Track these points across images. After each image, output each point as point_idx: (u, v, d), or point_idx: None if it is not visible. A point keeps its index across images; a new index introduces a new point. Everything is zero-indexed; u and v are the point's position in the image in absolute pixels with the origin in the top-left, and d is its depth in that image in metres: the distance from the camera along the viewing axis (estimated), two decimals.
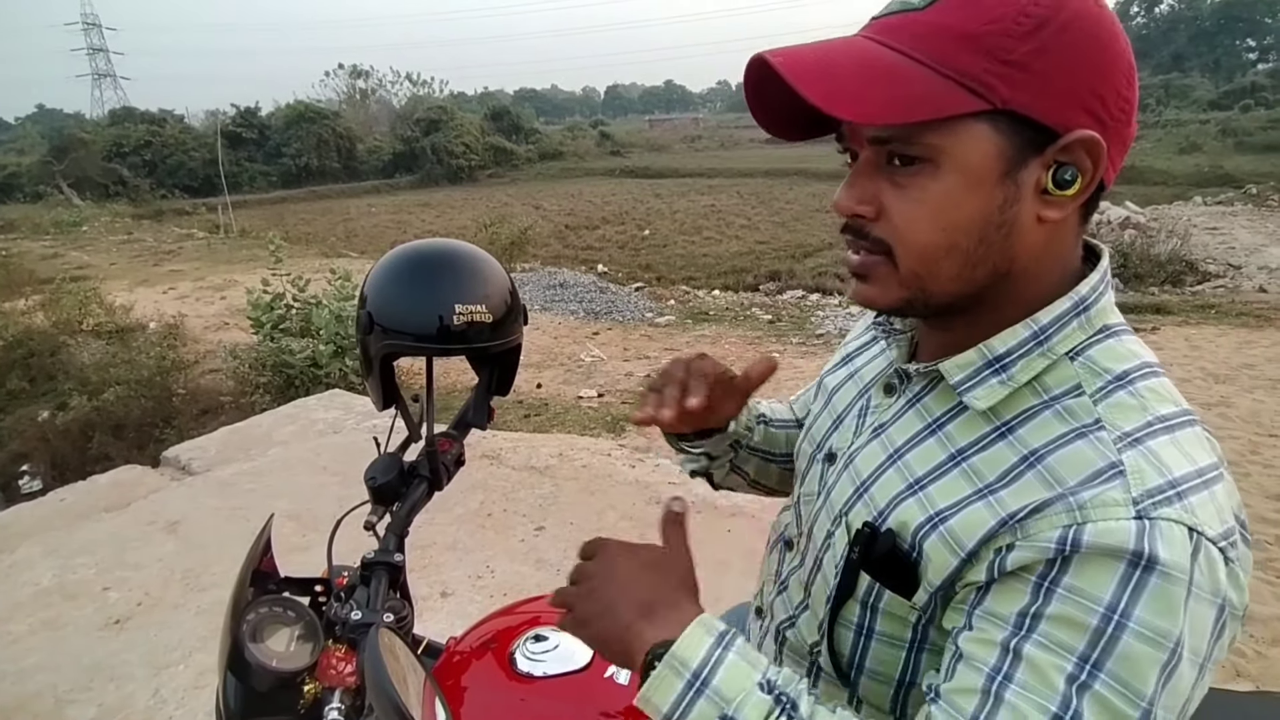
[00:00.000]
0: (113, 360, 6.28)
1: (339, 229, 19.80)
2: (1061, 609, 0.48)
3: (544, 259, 12.99)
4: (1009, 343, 0.57)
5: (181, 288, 11.31)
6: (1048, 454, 0.53)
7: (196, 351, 7.54)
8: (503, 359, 1.13)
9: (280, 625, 0.89)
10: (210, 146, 28.86)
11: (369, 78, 49.06)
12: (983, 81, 0.51)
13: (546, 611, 1.05)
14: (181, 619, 2.61)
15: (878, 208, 0.57)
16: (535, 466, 3.78)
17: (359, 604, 0.90)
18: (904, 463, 0.61)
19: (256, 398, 5.68)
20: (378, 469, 1.01)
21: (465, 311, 0.97)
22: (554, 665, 0.91)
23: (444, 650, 1.01)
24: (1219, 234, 12.83)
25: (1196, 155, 24.14)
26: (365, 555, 0.96)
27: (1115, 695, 0.46)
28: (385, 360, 1.02)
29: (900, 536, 0.58)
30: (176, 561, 2.97)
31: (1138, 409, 0.53)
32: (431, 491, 1.06)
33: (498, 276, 1.05)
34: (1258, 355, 5.95)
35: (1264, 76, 44.06)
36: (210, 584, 2.78)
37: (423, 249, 1.04)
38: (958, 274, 0.56)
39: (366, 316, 0.98)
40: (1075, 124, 0.52)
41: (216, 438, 4.41)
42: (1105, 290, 0.58)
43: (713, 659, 0.55)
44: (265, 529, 0.98)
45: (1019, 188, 0.53)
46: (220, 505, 3.46)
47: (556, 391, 6.02)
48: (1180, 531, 0.47)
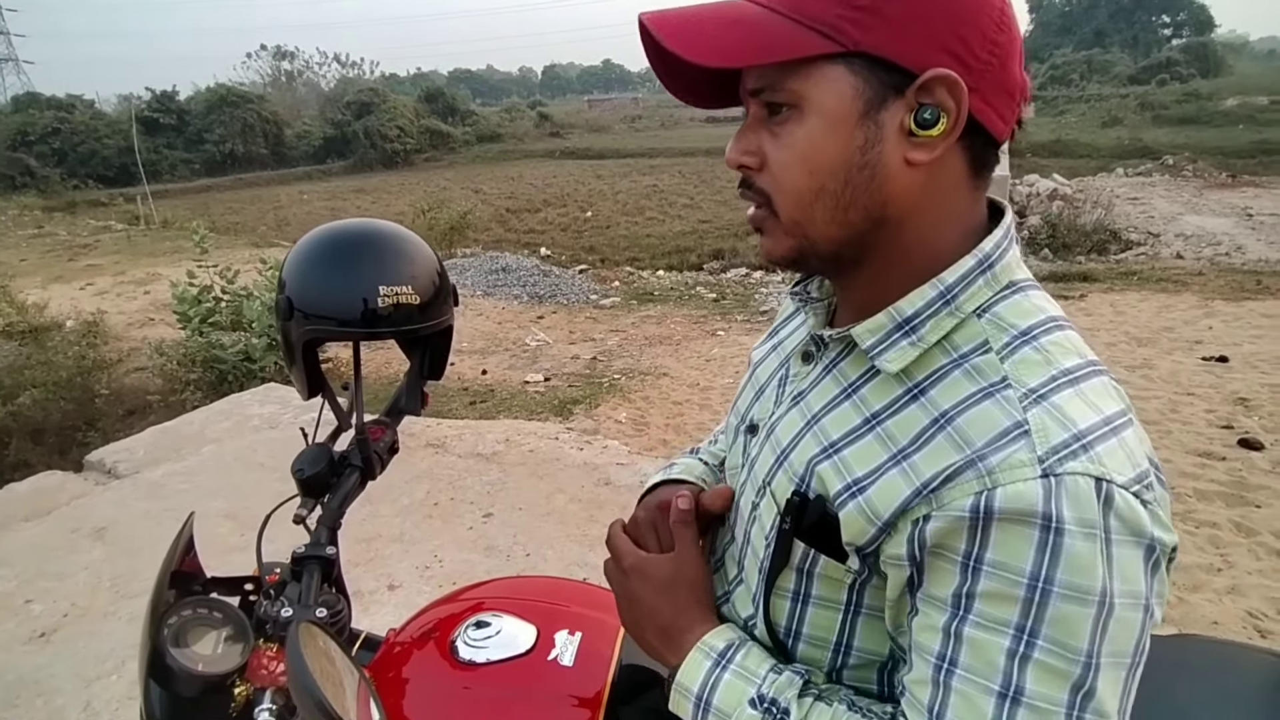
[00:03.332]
0: (27, 362, 5.93)
1: (269, 218, 19.10)
2: (990, 586, 0.50)
3: (485, 243, 12.78)
4: (916, 304, 0.57)
5: (100, 283, 10.78)
6: (957, 415, 0.53)
7: (119, 350, 7.19)
8: (433, 342, 1.09)
9: (206, 627, 0.85)
10: (125, 133, 27.45)
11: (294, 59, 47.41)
12: (834, 26, 0.53)
13: (489, 598, 1.03)
14: (112, 628, 2.50)
15: (761, 159, 0.59)
16: (482, 453, 3.73)
17: (290, 600, 0.87)
18: (820, 427, 0.61)
19: (187, 395, 5.46)
20: (305, 460, 0.97)
21: (390, 293, 0.94)
22: (496, 651, 0.89)
23: (383, 643, 0.98)
24: (1139, 204, 13.38)
25: (1118, 128, 25.13)
26: (296, 550, 0.92)
27: (1053, 658, 0.48)
28: (308, 347, 0.98)
29: (826, 501, 0.58)
30: (105, 568, 2.84)
31: (1042, 364, 0.53)
32: (364, 481, 1.03)
33: (424, 256, 1.01)
34: (1176, 318, 6.25)
35: (1178, 52, 45.95)
36: (142, 590, 2.66)
37: (343, 229, 1.00)
38: (830, 218, 0.57)
39: (286, 302, 0.94)
40: (934, 64, 0.52)
41: (145, 438, 4.21)
42: (1009, 246, 0.59)
43: (710, 680, 0.62)
44: (185, 528, 0.93)
45: (879, 128, 0.54)
46: (151, 507, 3.32)
47: (502, 377, 5.95)
48: (1087, 484, 0.48)
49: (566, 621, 0.94)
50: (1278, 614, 2.59)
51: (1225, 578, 2.79)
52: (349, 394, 1.09)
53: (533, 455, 3.69)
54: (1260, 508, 3.29)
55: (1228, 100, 28.97)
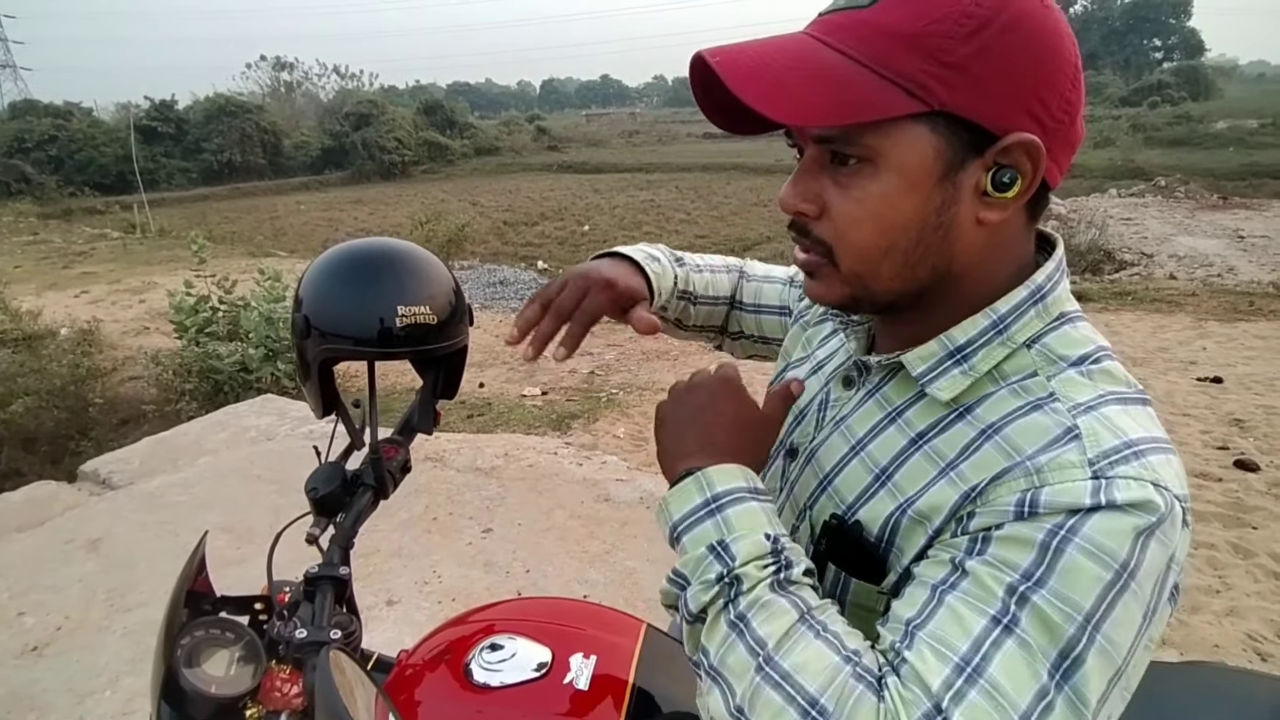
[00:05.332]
0: (20, 369, 5.89)
1: (266, 227, 19.06)
2: (1011, 529, 0.49)
3: (482, 256, 12.80)
4: (969, 332, 0.57)
5: (95, 291, 10.70)
6: (1005, 425, 0.53)
7: (114, 358, 7.15)
8: (448, 361, 1.09)
9: (218, 648, 0.84)
10: (123, 141, 27.36)
11: (294, 70, 47.47)
12: (921, 84, 0.50)
13: (500, 619, 1.03)
14: (106, 642, 2.47)
15: (820, 206, 0.57)
16: (481, 468, 3.72)
17: (303, 621, 0.86)
18: (867, 453, 0.61)
19: (182, 405, 5.43)
20: (319, 479, 0.97)
21: (408, 313, 0.94)
22: (511, 674, 0.88)
23: (395, 664, 0.97)
24: (1132, 224, 13.49)
25: (1110, 149, 25.34)
26: (309, 569, 0.91)
27: (1052, 608, 0.46)
28: (324, 365, 0.97)
29: (867, 529, 0.58)
30: (99, 581, 2.81)
31: (1089, 386, 0.54)
32: (377, 500, 1.02)
33: (441, 276, 1.01)
34: (1170, 339, 6.29)
35: (1169, 75, 46.68)
36: (137, 603, 2.63)
37: (361, 248, 1.00)
38: (897, 274, 0.57)
39: (303, 320, 0.93)
40: (1015, 126, 0.52)
41: (139, 449, 4.18)
42: (1061, 279, 0.59)
43: (737, 493, 0.57)
44: (199, 546, 0.93)
45: (957, 189, 0.54)
46: (146, 520, 3.29)
47: (500, 391, 5.93)
48: (1139, 484, 0.48)
49: (581, 644, 0.93)
50: (1276, 636, 2.59)
51: (1224, 600, 2.80)
52: (360, 411, 1.09)
53: (532, 470, 3.68)
54: (1257, 529, 3.31)
55: (1218, 123, 29.35)
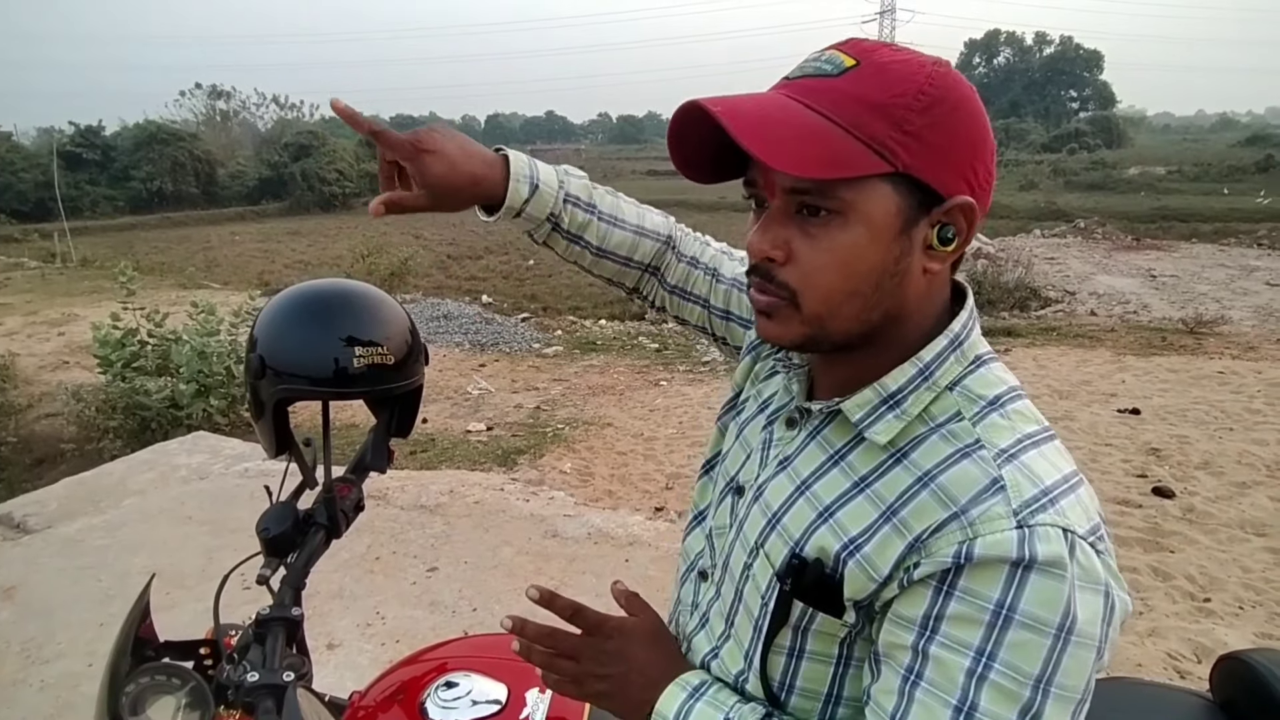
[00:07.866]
0: None
1: (198, 258, 18.44)
2: (958, 609, 0.55)
3: (426, 290, 12.62)
4: (899, 380, 0.64)
5: (10, 323, 10.18)
6: (939, 473, 0.59)
7: (30, 394, 6.82)
8: (403, 400, 1.10)
9: (163, 694, 0.83)
10: (44, 167, 26.36)
11: (230, 99, 46.53)
12: (888, 147, 0.58)
13: (454, 657, 1.03)
14: (22, 696, 2.32)
15: (787, 253, 0.63)
16: (425, 505, 3.65)
17: (254, 665, 0.85)
18: (812, 493, 0.66)
19: (105, 444, 5.20)
20: (271, 519, 0.96)
21: (365, 354, 0.95)
22: (467, 711, 0.89)
23: (348, 706, 0.96)
24: (1055, 263, 14.20)
25: (1034, 192, 26.78)
26: (260, 611, 0.90)
27: (1006, 680, 0.53)
28: (279, 405, 0.97)
29: (824, 563, 0.63)
30: (13, 632, 2.64)
31: (1009, 429, 0.61)
32: (329, 540, 1.02)
33: (397, 316, 1.03)
34: (1092, 372, 6.63)
35: (1085, 124, 49.86)
36: (55, 655, 2.48)
37: (317, 289, 1.01)
38: (856, 315, 0.63)
39: (258, 360, 0.94)
40: (957, 190, 0.60)
41: (57, 490, 3.98)
42: (974, 325, 0.67)
43: (684, 710, 0.68)
44: (145, 592, 0.91)
45: (911, 242, 0.61)
46: (66, 565, 3.12)
47: (444, 426, 5.85)
48: (1055, 533, 0.55)
49: (536, 680, 0.94)
50: (1193, 655, 2.73)
51: (1146, 621, 2.94)
52: (311, 449, 1.09)
53: (478, 507, 3.64)
54: (1174, 553, 3.49)
55: (1130, 169, 31.41)
